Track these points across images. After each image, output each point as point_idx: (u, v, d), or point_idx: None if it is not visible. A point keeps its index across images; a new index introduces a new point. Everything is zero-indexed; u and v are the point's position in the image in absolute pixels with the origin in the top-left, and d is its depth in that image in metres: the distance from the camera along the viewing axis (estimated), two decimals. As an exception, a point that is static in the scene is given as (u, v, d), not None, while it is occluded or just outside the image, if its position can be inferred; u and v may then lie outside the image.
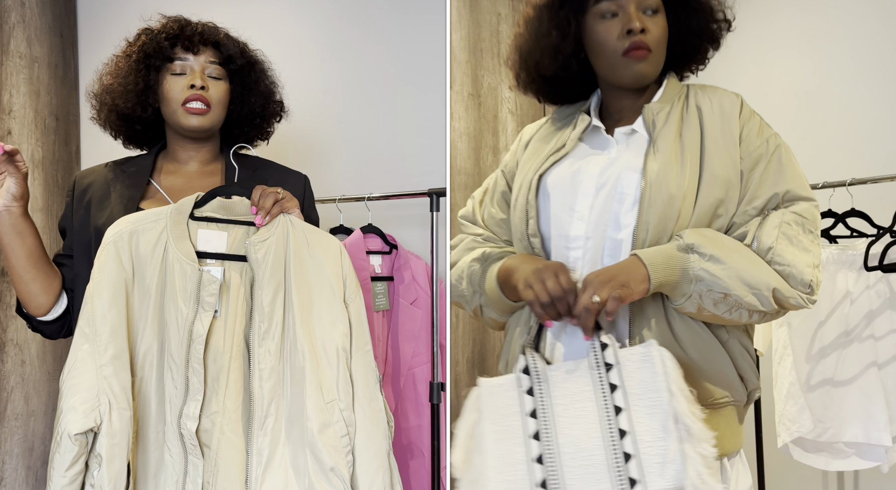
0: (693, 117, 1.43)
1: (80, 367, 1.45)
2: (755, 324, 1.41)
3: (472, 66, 2.66)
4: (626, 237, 1.38)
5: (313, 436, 1.50)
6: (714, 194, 1.37)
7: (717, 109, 1.43)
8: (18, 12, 2.83)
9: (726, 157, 1.39)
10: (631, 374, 1.27)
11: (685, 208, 1.36)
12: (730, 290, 1.30)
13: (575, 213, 1.43)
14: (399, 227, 2.70)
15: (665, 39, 1.46)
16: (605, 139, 1.50)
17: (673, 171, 1.36)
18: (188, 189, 1.76)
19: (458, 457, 1.37)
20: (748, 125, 1.42)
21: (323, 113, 2.85)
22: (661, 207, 1.35)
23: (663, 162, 1.37)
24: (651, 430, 1.23)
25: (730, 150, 1.40)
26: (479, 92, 2.67)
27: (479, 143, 2.66)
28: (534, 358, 1.35)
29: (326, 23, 2.87)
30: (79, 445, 1.40)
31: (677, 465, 1.19)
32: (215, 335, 1.53)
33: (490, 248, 1.59)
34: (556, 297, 1.32)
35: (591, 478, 1.23)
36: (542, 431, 1.28)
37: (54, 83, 2.98)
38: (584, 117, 1.53)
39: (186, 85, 1.72)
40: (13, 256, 1.62)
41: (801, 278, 1.33)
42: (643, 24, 1.41)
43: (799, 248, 1.35)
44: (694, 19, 1.49)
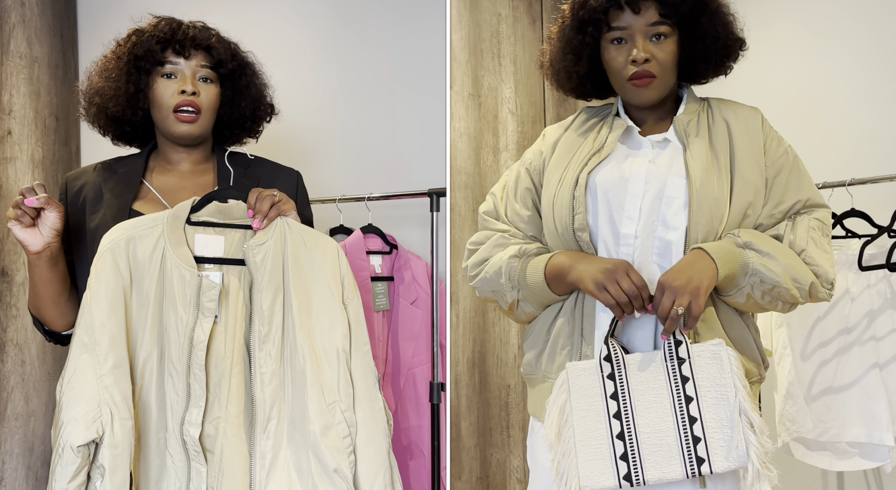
0: (721, 128, 1.56)
1: (80, 377, 1.44)
2: (781, 312, 1.57)
3: (473, 67, 2.65)
4: (676, 238, 1.50)
5: (316, 438, 1.50)
6: (745, 197, 1.51)
7: (742, 121, 1.57)
8: (18, 12, 2.83)
9: (754, 164, 1.53)
10: (701, 368, 1.45)
11: (725, 210, 1.49)
12: (780, 284, 1.46)
13: (625, 212, 1.53)
14: (399, 227, 2.70)
15: (673, 62, 1.56)
16: (639, 141, 1.60)
17: (713, 176, 1.50)
18: (181, 188, 1.75)
19: (551, 431, 1.52)
20: (769, 136, 1.56)
21: (323, 113, 2.85)
22: (709, 210, 1.48)
23: (703, 168, 1.50)
24: (718, 419, 1.41)
25: (756, 158, 1.53)
26: (480, 92, 2.66)
27: (480, 143, 2.65)
28: (615, 347, 1.50)
29: (326, 23, 2.87)
30: (81, 457, 1.39)
31: (741, 451, 1.38)
32: (216, 340, 1.53)
33: (525, 243, 1.66)
34: (633, 295, 1.45)
35: (665, 455, 1.42)
36: (622, 412, 1.47)
37: (54, 83, 2.97)
38: (619, 122, 1.62)
39: (177, 90, 1.70)
40: (50, 286, 1.62)
41: (826, 277, 1.51)
42: (648, 53, 1.51)
43: (822, 250, 1.52)
44: (706, 37, 1.57)
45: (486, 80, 2.69)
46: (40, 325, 1.74)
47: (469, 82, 2.64)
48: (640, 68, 1.51)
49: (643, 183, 1.53)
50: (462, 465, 2.58)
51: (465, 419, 2.59)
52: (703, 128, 1.56)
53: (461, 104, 2.61)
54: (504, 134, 2.72)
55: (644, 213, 1.52)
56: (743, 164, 1.52)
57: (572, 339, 1.57)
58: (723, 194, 1.49)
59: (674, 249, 1.50)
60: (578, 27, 1.58)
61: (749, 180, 1.51)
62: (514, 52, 2.77)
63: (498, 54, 2.73)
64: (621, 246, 1.53)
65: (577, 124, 1.71)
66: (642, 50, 1.51)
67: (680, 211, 1.50)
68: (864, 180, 2.29)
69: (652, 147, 1.58)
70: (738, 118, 1.57)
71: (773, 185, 1.54)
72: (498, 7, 2.74)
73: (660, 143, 1.58)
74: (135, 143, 1.86)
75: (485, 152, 2.67)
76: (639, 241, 1.52)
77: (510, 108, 2.74)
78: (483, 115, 2.67)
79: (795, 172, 1.55)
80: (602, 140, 1.61)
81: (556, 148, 1.69)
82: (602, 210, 1.55)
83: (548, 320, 1.63)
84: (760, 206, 1.53)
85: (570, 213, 1.56)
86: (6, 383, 2.75)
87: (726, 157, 1.53)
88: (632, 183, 1.53)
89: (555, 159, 1.67)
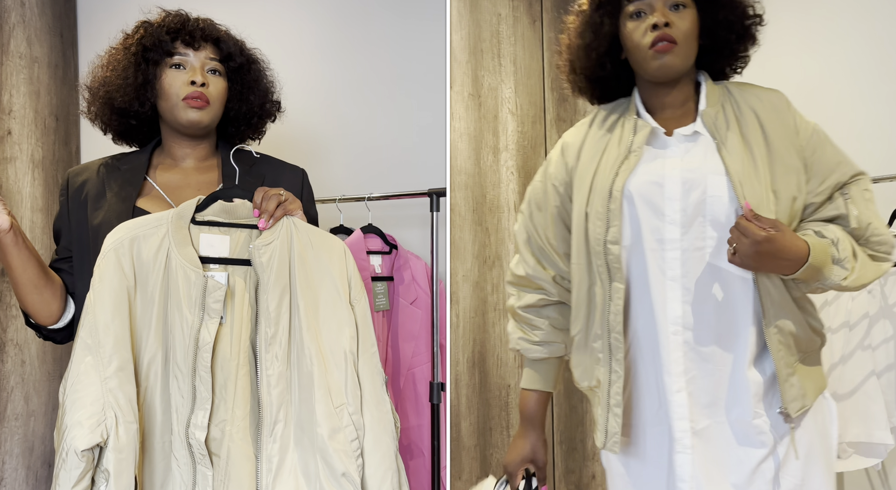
0: (750, 118, 1.53)
1: (84, 380, 1.41)
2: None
3: (473, 67, 2.66)
4: (727, 235, 1.47)
5: (324, 441, 1.49)
6: (790, 182, 1.49)
7: (770, 107, 1.54)
8: (18, 12, 2.83)
9: (790, 146, 1.51)
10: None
11: (771, 199, 1.47)
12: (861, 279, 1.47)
13: (666, 217, 1.51)
14: (399, 227, 2.70)
15: (693, 32, 1.54)
16: (664, 140, 1.57)
17: (751, 169, 1.48)
18: (185, 186, 1.74)
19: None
20: (797, 116, 1.54)
21: (323, 113, 2.85)
22: (756, 203, 1.45)
23: (741, 162, 1.48)
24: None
25: (792, 140, 1.51)
26: (480, 92, 2.67)
27: (480, 143, 2.66)
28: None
29: (327, 23, 2.87)
30: (86, 461, 1.37)
31: None
32: (222, 342, 1.51)
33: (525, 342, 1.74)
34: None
35: None
36: None
37: (54, 83, 2.97)
38: (642, 123, 1.58)
39: (187, 81, 1.69)
40: (29, 268, 1.59)
41: (891, 243, 1.51)
42: (668, 19, 1.50)
43: (879, 218, 1.52)
44: (721, 13, 1.56)
45: (486, 80, 2.69)
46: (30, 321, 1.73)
47: (469, 82, 2.64)
48: (662, 32, 1.50)
49: (679, 184, 1.51)
50: (462, 465, 2.58)
51: (465, 419, 2.60)
52: (732, 119, 1.54)
53: (461, 104, 2.62)
54: (504, 134, 2.72)
55: (689, 215, 1.50)
56: (780, 150, 1.50)
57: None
58: (764, 186, 1.47)
59: (726, 248, 1.46)
60: (597, 5, 1.60)
61: (790, 165, 1.50)
62: (514, 52, 2.77)
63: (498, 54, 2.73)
64: (667, 251, 1.51)
65: (597, 124, 1.68)
66: (662, 15, 1.50)
67: (727, 209, 1.47)
68: (864, 180, 2.29)
69: (679, 142, 1.55)
70: (765, 104, 1.54)
71: (814, 163, 1.51)
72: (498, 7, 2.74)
73: (689, 137, 1.55)
74: (135, 141, 1.85)
75: (485, 152, 2.67)
76: (686, 244, 1.50)
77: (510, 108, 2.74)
78: (483, 115, 2.67)
79: (829, 146, 1.54)
80: (628, 144, 1.58)
81: (581, 154, 1.66)
82: (642, 219, 1.53)
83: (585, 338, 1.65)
84: (804, 185, 1.51)
85: (605, 226, 1.54)
86: (6, 383, 2.75)
87: (761, 147, 1.50)
88: (667, 187, 1.52)
89: (581, 167, 1.64)
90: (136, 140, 1.85)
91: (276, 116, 1.93)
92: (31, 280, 1.61)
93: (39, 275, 1.62)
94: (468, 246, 2.61)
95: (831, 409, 1.57)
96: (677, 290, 1.50)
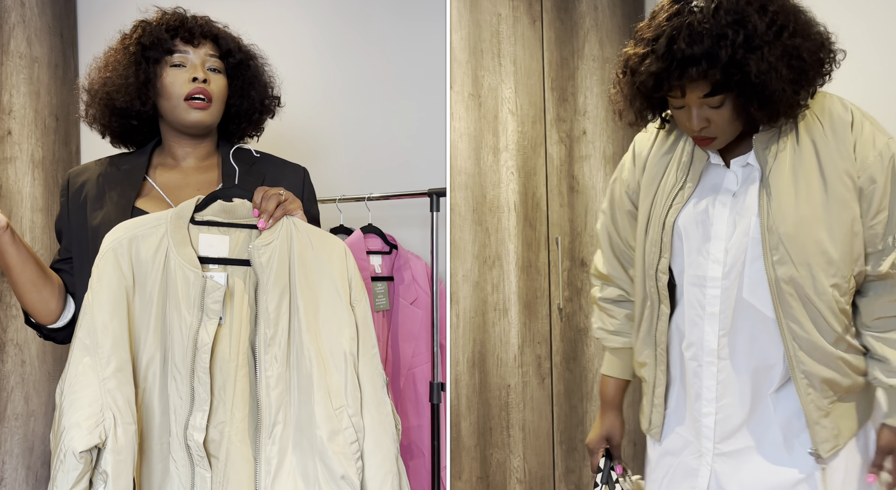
0: (806, 144, 1.47)
1: (82, 380, 1.40)
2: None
3: (473, 67, 2.65)
4: (760, 273, 1.48)
5: (323, 443, 1.48)
6: (847, 214, 1.44)
7: (830, 131, 1.47)
8: (18, 12, 2.83)
9: (846, 176, 1.44)
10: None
11: (808, 236, 1.43)
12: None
13: (710, 255, 1.53)
14: (399, 227, 2.70)
15: (731, 118, 1.45)
16: (722, 171, 1.56)
17: (788, 208, 1.44)
18: (184, 185, 1.73)
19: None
20: (861, 138, 1.46)
21: (323, 113, 2.85)
22: (784, 246, 1.43)
23: (778, 202, 1.45)
24: None
25: (848, 170, 1.44)
26: (480, 92, 2.66)
27: (480, 143, 2.65)
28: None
29: (327, 23, 2.87)
30: (84, 463, 1.35)
31: None
32: (220, 343, 1.50)
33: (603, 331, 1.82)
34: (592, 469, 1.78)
35: None
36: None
37: (54, 83, 2.97)
38: (700, 153, 1.57)
39: (188, 78, 1.69)
40: (27, 267, 1.59)
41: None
42: (704, 123, 1.45)
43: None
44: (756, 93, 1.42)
45: (486, 80, 2.69)
46: (30, 321, 1.73)
47: (469, 82, 2.64)
48: (699, 135, 1.48)
49: (726, 225, 1.52)
50: (462, 465, 2.58)
51: (465, 419, 2.59)
52: (787, 146, 1.48)
53: (461, 104, 2.62)
54: (504, 134, 2.72)
55: (731, 256, 1.51)
56: (835, 180, 1.44)
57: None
58: (806, 226, 1.43)
59: (760, 291, 1.48)
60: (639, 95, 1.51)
61: (844, 198, 1.44)
62: (514, 52, 2.77)
63: (498, 54, 2.73)
64: (708, 288, 1.54)
65: (662, 137, 1.67)
66: (696, 118, 1.45)
67: (760, 251, 1.48)
68: (864, 181, 2.29)
69: (735, 174, 1.54)
70: (826, 128, 1.47)
71: (871, 194, 1.45)
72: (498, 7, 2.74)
73: (744, 169, 1.53)
74: (134, 143, 1.85)
75: (485, 152, 2.67)
76: (727, 282, 1.52)
77: (510, 108, 2.74)
78: (483, 115, 2.67)
79: (892, 175, 1.45)
80: (684, 172, 1.59)
81: (646, 168, 1.68)
82: (687, 253, 1.57)
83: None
84: (859, 217, 1.46)
85: (658, 255, 1.60)
86: (6, 383, 2.75)
87: (814, 178, 1.45)
88: (715, 226, 1.53)
89: (645, 182, 1.67)
90: (135, 142, 1.84)
91: (275, 112, 1.92)
92: (30, 279, 1.61)
93: (38, 273, 1.62)
94: (468, 246, 2.61)
95: (869, 441, 1.56)
96: (715, 324, 1.54)
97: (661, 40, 1.38)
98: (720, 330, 1.53)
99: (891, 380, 1.47)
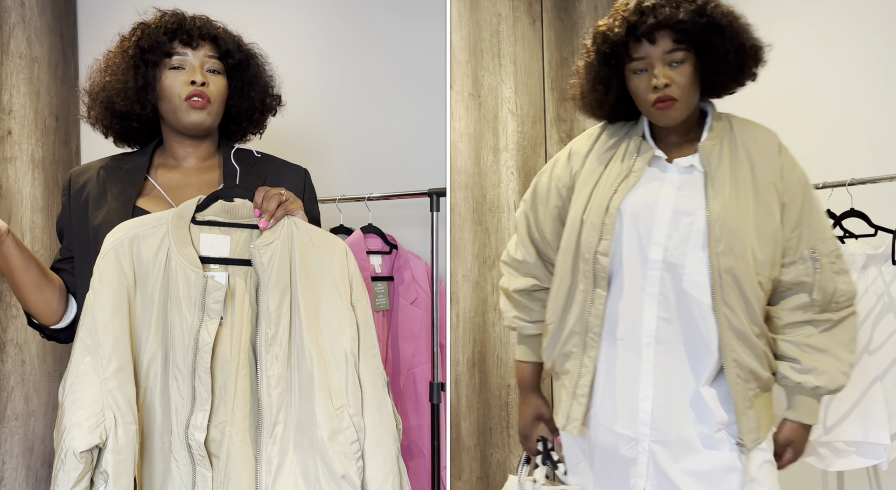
0: (742, 156, 1.65)
1: (84, 380, 1.40)
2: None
3: (473, 67, 2.66)
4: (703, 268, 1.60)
5: (324, 443, 1.48)
6: (771, 222, 1.61)
7: (762, 148, 1.65)
8: (18, 12, 2.82)
9: (773, 189, 1.62)
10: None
11: (745, 233, 1.58)
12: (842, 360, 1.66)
13: (653, 238, 1.63)
14: (399, 227, 2.70)
15: (691, 83, 1.63)
16: (664, 165, 1.69)
17: (732, 207, 1.59)
18: (186, 185, 1.73)
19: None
20: (785, 162, 1.65)
21: (323, 113, 2.85)
22: (727, 239, 1.57)
23: (722, 201, 1.59)
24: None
25: (775, 184, 1.63)
26: (480, 92, 2.67)
27: (480, 143, 2.66)
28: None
29: (327, 23, 2.87)
30: (84, 463, 1.36)
31: None
32: (221, 343, 1.50)
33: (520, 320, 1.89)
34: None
35: None
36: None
37: (54, 83, 2.97)
38: (646, 146, 1.71)
39: (187, 81, 1.68)
40: (30, 270, 1.60)
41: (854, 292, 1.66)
42: (667, 79, 1.60)
43: (844, 275, 1.65)
44: (722, 54, 1.63)
45: (486, 80, 2.69)
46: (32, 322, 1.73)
47: (469, 82, 2.65)
48: (661, 94, 1.60)
49: (670, 212, 1.63)
50: (462, 465, 2.59)
51: (465, 419, 2.60)
52: (726, 156, 1.64)
53: (461, 104, 2.62)
54: (504, 134, 2.72)
55: (674, 242, 1.62)
56: (763, 190, 1.62)
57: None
58: (743, 224, 1.58)
59: (700, 279, 1.59)
60: (603, 60, 1.68)
61: (770, 207, 1.61)
62: (514, 52, 2.77)
63: (498, 54, 2.73)
64: (649, 270, 1.63)
65: (605, 137, 1.80)
66: (661, 76, 1.60)
67: (704, 241, 1.60)
68: (864, 180, 2.29)
69: (678, 171, 1.67)
70: (758, 144, 1.65)
71: (790, 209, 1.63)
72: (498, 7, 2.74)
73: (687, 169, 1.67)
74: (137, 143, 1.85)
75: (485, 152, 2.67)
76: (667, 267, 1.62)
77: (510, 108, 2.75)
78: (483, 115, 2.67)
79: (807, 198, 1.65)
80: (630, 164, 1.70)
81: (586, 163, 1.79)
82: (630, 236, 1.66)
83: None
84: (781, 228, 1.63)
85: (598, 238, 1.66)
86: (6, 383, 2.75)
87: (748, 184, 1.62)
88: (659, 211, 1.64)
89: (584, 174, 1.77)
90: (138, 142, 1.85)
91: (276, 111, 1.92)
92: (33, 281, 1.61)
93: (40, 275, 1.62)
94: (468, 246, 2.62)
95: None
96: (653, 305, 1.63)
97: (630, 5, 1.62)
98: (658, 312, 1.62)
99: (799, 377, 1.61)
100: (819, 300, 1.62)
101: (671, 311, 1.62)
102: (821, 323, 1.63)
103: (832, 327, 1.64)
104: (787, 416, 1.66)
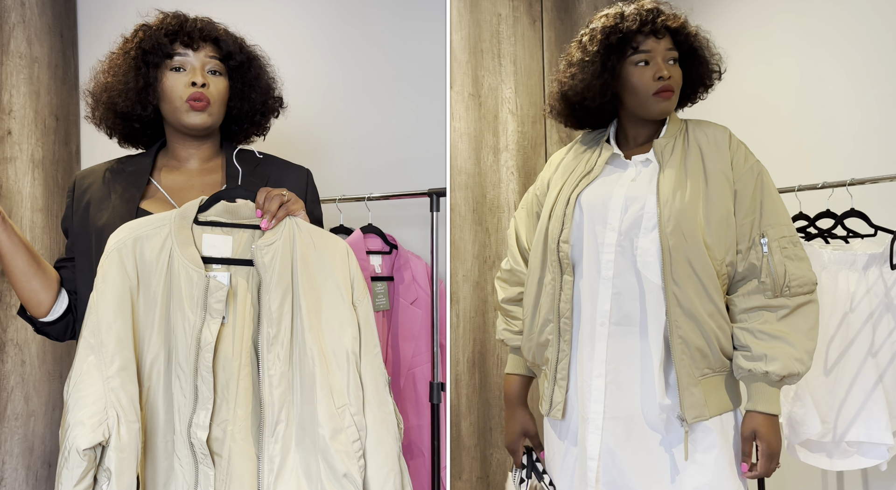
0: (694, 149, 1.77)
1: (87, 379, 1.42)
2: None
3: (473, 67, 2.66)
4: (654, 248, 1.68)
5: (325, 442, 1.49)
6: (721, 208, 1.70)
7: (713, 141, 1.77)
8: (18, 12, 2.82)
9: (723, 177, 1.72)
10: None
11: (693, 216, 1.67)
12: (801, 346, 1.68)
13: (608, 224, 1.74)
14: (399, 227, 2.70)
15: (681, 83, 1.79)
16: (624, 163, 1.82)
17: (679, 193, 1.69)
18: (188, 187, 1.74)
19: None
20: (736, 154, 1.75)
21: (323, 112, 2.85)
22: (675, 219, 1.66)
23: (671, 186, 1.70)
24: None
25: (726, 173, 1.73)
26: (480, 92, 2.67)
27: (480, 143, 2.66)
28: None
29: (327, 23, 2.87)
30: (87, 460, 1.37)
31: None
32: (223, 342, 1.51)
33: (507, 332, 1.96)
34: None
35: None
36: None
37: (54, 83, 2.97)
38: (607, 146, 1.86)
39: (187, 82, 1.69)
40: (19, 254, 1.63)
41: (811, 283, 1.70)
42: (670, 73, 1.74)
43: (798, 260, 1.70)
44: (699, 69, 1.83)
45: (486, 80, 2.69)
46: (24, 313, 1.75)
47: (469, 82, 2.65)
48: (666, 83, 1.74)
49: (623, 200, 1.74)
50: (462, 465, 2.59)
51: (465, 419, 2.60)
52: (679, 150, 1.76)
53: (461, 104, 2.62)
54: (504, 134, 2.73)
55: (626, 225, 1.72)
56: (714, 178, 1.71)
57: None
58: (690, 208, 1.67)
59: (652, 252, 1.68)
60: (605, 51, 1.78)
61: (721, 194, 1.70)
62: (514, 52, 2.77)
63: (498, 54, 2.73)
64: (603, 254, 1.74)
65: (577, 146, 1.96)
66: (665, 69, 1.74)
67: (656, 225, 1.69)
68: (864, 180, 2.29)
69: (635, 166, 1.80)
70: (709, 139, 1.77)
71: (741, 197, 1.72)
72: (498, 7, 2.74)
73: (643, 163, 1.80)
74: (141, 143, 1.86)
75: (485, 152, 2.68)
76: (621, 248, 1.72)
77: (510, 108, 2.75)
78: (483, 115, 2.68)
79: (759, 186, 1.73)
80: (592, 163, 1.85)
81: (558, 168, 1.94)
82: (587, 223, 1.77)
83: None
84: (734, 213, 1.71)
85: (560, 228, 1.78)
86: (6, 383, 2.75)
87: (698, 173, 1.72)
88: (613, 199, 1.75)
89: (555, 180, 1.91)
90: (142, 142, 1.86)
91: (279, 112, 1.93)
92: (19, 268, 1.64)
93: (28, 263, 1.65)
94: (468, 246, 2.62)
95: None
96: (608, 288, 1.71)
97: (630, 6, 1.77)
98: (612, 294, 1.71)
99: (749, 364, 1.64)
100: (769, 284, 1.66)
101: (625, 293, 1.70)
102: (776, 308, 1.66)
103: (789, 314, 1.66)
104: (746, 407, 1.69)
